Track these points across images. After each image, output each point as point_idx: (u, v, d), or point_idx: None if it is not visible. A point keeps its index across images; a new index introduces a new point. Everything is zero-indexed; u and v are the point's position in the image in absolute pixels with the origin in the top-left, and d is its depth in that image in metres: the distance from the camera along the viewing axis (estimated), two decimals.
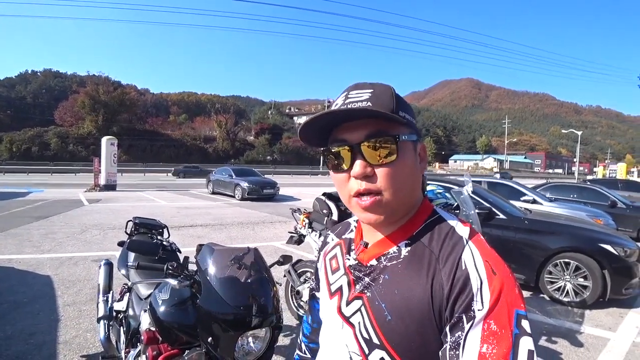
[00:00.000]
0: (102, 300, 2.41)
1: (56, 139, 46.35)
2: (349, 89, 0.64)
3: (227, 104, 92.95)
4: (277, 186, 14.85)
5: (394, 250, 0.64)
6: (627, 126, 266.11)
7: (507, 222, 4.53)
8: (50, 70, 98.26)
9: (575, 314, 3.93)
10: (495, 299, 0.51)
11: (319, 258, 0.85)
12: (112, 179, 16.72)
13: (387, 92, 0.62)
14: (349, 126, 0.61)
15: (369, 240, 0.69)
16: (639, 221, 8.33)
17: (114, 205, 11.53)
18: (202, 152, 54.56)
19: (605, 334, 3.45)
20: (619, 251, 4.04)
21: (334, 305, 0.70)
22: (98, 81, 54.42)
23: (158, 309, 1.52)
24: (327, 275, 0.76)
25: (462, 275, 0.54)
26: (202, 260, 1.48)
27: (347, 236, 0.78)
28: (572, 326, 3.61)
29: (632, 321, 3.78)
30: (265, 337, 1.38)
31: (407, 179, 0.61)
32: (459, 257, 0.57)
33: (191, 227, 8.21)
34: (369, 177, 0.59)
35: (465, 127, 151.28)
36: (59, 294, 3.93)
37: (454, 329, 0.53)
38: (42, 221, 8.13)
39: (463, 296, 0.53)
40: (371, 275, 0.65)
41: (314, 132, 0.64)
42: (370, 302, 0.63)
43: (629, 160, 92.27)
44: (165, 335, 1.51)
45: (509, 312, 0.51)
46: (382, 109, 0.58)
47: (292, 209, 3.52)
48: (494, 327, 0.50)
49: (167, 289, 1.57)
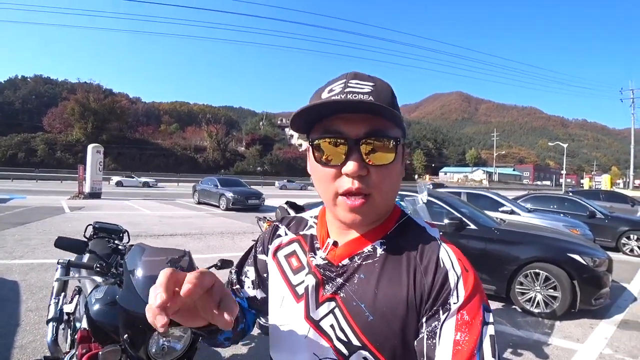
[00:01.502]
0: (53, 302, 2.37)
1: (43, 146, 45.67)
2: (349, 76, 0.59)
3: (219, 114, 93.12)
4: (262, 197, 14.82)
5: (368, 250, 0.63)
6: (612, 139, 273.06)
7: (478, 233, 4.53)
8: (41, 76, 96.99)
9: (545, 325, 3.91)
10: (469, 293, 0.56)
11: (260, 250, 0.77)
12: (97, 186, 16.48)
13: (387, 89, 0.60)
14: (347, 118, 0.56)
15: (337, 239, 0.66)
16: (616, 231, 8.45)
17: (97, 213, 11.33)
18: (192, 162, 54.27)
19: (572, 346, 3.44)
20: (588, 261, 4.06)
21: (300, 310, 0.65)
22: (89, 88, 54.04)
23: (91, 308, 1.53)
24: (285, 275, 0.70)
25: (442, 273, 0.57)
26: (129, 259, 1.49)
27: (307, 232, 0.72)
28: (540, 338, 3.59)
29: (601, 332, 3.78)
30: (186, 337, 1.39)
31: (397, 182, 0.61)
32: (437, 256, 0.59)
33: (171, 236, 8.10)
34: (362, 177, 0.56)
35: (455, 140, 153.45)
36: (24, 299, 3.88)
37: (430, 319, 0.56)
38: (19, 227, 7.97)
39: (442, 291, 0.56)
40: (344, 275, 0.62)
41: (307, 120, 0.60)
42: (345, 303, 0.61)
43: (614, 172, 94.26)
44: (97, 334, 1.50)
45: (478, 305, 0.55)
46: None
47: (257, 217, 3.50)
48: (466, 317, 0.54)
49: (102, 289, 1.59)
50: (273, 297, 0.71)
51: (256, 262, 0.77)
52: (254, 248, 0.80)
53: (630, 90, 39.55)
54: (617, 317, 4.21)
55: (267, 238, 0.77)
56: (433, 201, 4.94)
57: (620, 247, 8.35)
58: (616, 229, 8.47)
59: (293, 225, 0.76)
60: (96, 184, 16.43)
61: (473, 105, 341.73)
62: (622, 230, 8.40)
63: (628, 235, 8.34)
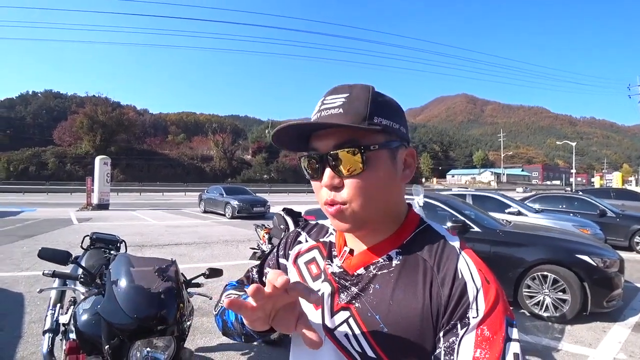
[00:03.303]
0: (50, 313, 2.40)
1: (54, 159, 46.54)
2: (327, 93, 0.61)
3: (225, 123, 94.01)
4: (267, 204, 14.85)
5: (383, 259, 0.62)
6: (622, 136, 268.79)
7: (481, 235, 4.44)
8: (51, 91, 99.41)
9: (555, 330, 3.79)
10: (490, 307, 0.53)
11: (282, 253, 0.78)
12: (105, 198, 16.67)
13: (362, 97, 0.58)
14: (319, 135, 0.60)
15: (353, 247, 0.66)
16: (629, 230, 8.25)
17: (104, 224, 11.47)
18: (199, 172, 54.71)
19: (584, 351, 3.31)
20: (598, 262, 3.94)
21: (318, 317, 0.65)
22: (97, 102, 55.06)
23: (79, 319, 1.54)
24: (304, 282, 0.70)
25: (460, 284, 0.55)
26: (113, 270, 1.49)
27: (326, 239, 0.73)
28: (549, 343, 3.47)
29: (614, 336, 3.65)
30: (169, 347, 1.38)
31: (378, 190, 0.58)
32: (455, 266, 0.57)
33: (175, 245, 8.11)
34: (337, 188, 0.58)
35: (462, 142, 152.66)
36: (28, 311, 3.91)
37: (448, 334, 0.54)
38: (27, 240, 8.08)
39: (461, 304, 0.54)
40: (359, 285, 0.62)
41: (292, 139, 0.63)
42: (360, 314, 0.60)
43: (625, 170, 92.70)
44: (85, 345, 1.49)
45: (500, 320, 0.53)
46: (353, 117, 0.56)
47: (255, 225, 3.49)
48: (487, 333, 0.52)
49: (90, 299, 1.59)
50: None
51: (278, 265, 0.79)
52: (276, 251, 0.81)
53: (638, 86, 38.98)
54: (632, 320, 4.06)
55: (289, 243, 0.79)
56: (436, 204, 4.87)
57: (634, 246, 8.15)
58: (629, 227, 8.26)
59: (314, 232, 0.77)
60: (104, 195, 16.61)
61: (479, 107, 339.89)
62: (635, 229, 8.19)
63: None
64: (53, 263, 1.83)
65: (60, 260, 1.73)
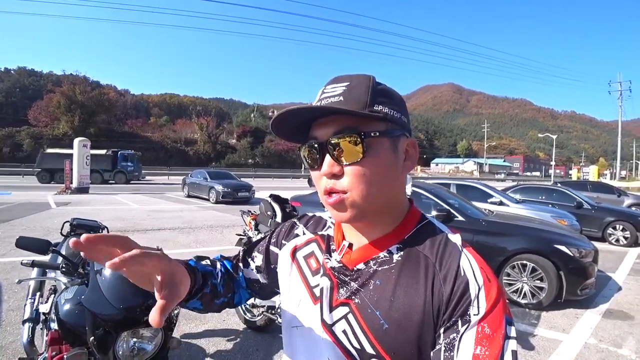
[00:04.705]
0: (29, 302, 2.30)
1: (29, 140, 44.56)
2: (327, 83, 0.62)
3: (209, 106, 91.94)
4: (252, 189, 14.74)
5: (384, 255, 0.61)
6: (600, 131, 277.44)
7: (465, 224, 4.52)
8: (25, 68, 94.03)
9: (532, 316, 3.95)
10: (491, 305, 0.53)
11: (274, 241, 0.78)
12: (85, 181, 16.21)
13: (363, 85, 0.58)
14: (319, 123, 0.59)
15: (352, 241, 0.65)
16: (603, 222, 8.59)
17: (83, 208, 11.16)
18: (183, 155, 53.64)
19: (558, 336, 3.47)
20: (574, 252, 4.09)
21: (316, 312, 0.64)
22: (75, 81, 52.62)
23: (61, 309, 1.49)
24: (304, 276, 0.69)
25: (462, 282, 0.55)
26: None
27: (324, 233, 0.72)
28: (526, 328, 3.62)
29: (587, 322, 3.83)
30: (156, 337, 1.37)
31: (379, 179, 0.57)
32: (457, 264, 0.57)
33: (159, 230, 7.98)
34: (337, 176, 0.57)
35: (447, 131, 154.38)
36: (5, 298, 3.81)
37: (448, 330, 0.54)
38: (3, 225, 7.76)
39: (462, 301, 0.54)
40: (359, 280, 0.61)
41: (290, 129, 0.62)
42: (360, 310, 0.59)
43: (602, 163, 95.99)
44: (67, 336, 1.46)
45: (500, 318, 0.53)
46: (354, 104, 0.56)
47: (241, 211, 3.45)
48: (487, 330, 0.52)
49: (72, 289, 1.55)
50: (291, 297, 0.71)
51: (268, 252, 0.79)
52: (268, 238, 0.81)
53: (619, 82, 40.10)
54: (602, 307, 4.27)
55: (283, 232, 0.78)
56: (421, 193, 4.92)
57: (607, 237, 8.49)
58: (602, 219, 8.60)
59: (312, 224, 0.76)
60: (83, 178, 16.14)
61: (465, 97, 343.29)
62: (608, 221, 8.54)
63: (614, 225, 8.47)
64: (32, 252, 1.76)
65: (39, 249, 1.66)
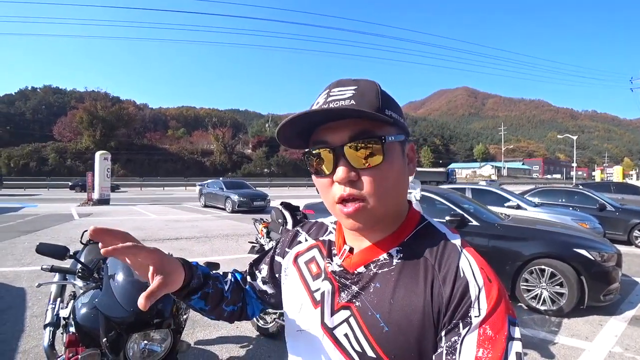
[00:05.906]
0: (50, 307, 2.42)
1: (54, 154, 46.52)
2: (331, 86, 0.60)
3: (225, 117, 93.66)
4: (267, 198, 14.89)
5: (384, 257, 0.61)
6: (624, 129, 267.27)
7: (480, 229, 4.44)
8: (50, 86, 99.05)
9: (552, 323, 3.81)
10: (492, 306, 0.52)
11: (278, 251, 0.80)
12: (106, 193, 16.71)
13: (372, 89, 0.58)
14: (330, 127, 0.57)
15: (353, 245, 0.65)
16: (628, 224, 8.25)
17: (104, 219, 11.53)
18: (200, 166, 54.67)
19: (580, 344, 3.34)
20: (595, 256, 3.95)
21: (317, 316, 0.65)
22: (96, 97, 54.76)
23: (78, 313, 1.56)
24: (305, 281, 0.70)
25: (462, 283, 0.54)
26: (110, 264, 1.53)
27: (326, 238, 0.72)
28: (546, 336, 3.50)
29: (611, 329, 3.67)
30: (166, 340, 1.41)
31: (394, 184, 0.57)
32: (456, 265, 0.56)
33: (175, 239, 8.15)
34: (353, 182, 0.55)
35: (463, 136, 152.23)
36: (30, 305, 3.98)
37: (450, 333, 0.53)
38: (29, 235, 8.14)
39: (462, 303, 0.53)
40: (359, 284, 0.61)
41: (293, 134, 0.60)
42: (361, 313, 0.59)
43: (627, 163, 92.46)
44: (84, 338, 1.52)
45: (503, 319, 0.52)
46: (367, 108, 0.54)
47: (254, 219, 3.50)
48: (489, 332, 0.51)
49: (89, 293, 1.63)
50: (293, 302, 0.71)
51: (272, 262, 0.80)
52: (274, 249, 0.83)
53: None
54: (628, 314, 4.09)
55: (286, 242, 0.79)
56: (434, 198, 4.87)
57: (633, 240, 8.15)
58: (628, 221, 8.25)
59: (314, 230, 0.77)
60: (104, 190, 16.65)
61: (480, 100, 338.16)
62: (634, 223, 8.18)
63: None
64: (51, 258, 1.85)
65: (57, 255, 1.75)
